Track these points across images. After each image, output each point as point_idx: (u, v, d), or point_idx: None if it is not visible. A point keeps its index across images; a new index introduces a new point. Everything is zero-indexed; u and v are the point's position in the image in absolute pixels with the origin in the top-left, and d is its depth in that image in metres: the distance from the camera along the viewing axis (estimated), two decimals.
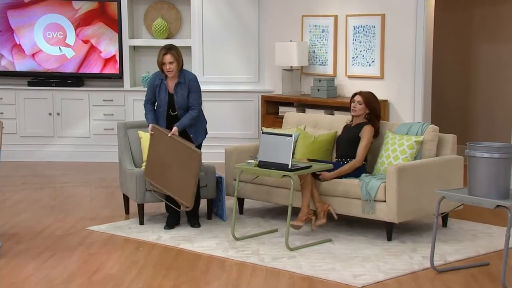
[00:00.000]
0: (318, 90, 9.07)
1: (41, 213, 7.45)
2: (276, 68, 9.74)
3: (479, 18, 9.91)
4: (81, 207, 7.73)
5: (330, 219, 6.82)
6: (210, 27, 9.98)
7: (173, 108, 6.80)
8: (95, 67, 10.27)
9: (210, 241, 6.42)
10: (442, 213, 6.50)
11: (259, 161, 6.33)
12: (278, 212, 7.36)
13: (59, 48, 10.28)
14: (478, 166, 5.29)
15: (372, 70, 8.89)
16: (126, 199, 7.37)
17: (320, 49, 9.36)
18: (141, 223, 6.97)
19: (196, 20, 9.98)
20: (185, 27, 10.29)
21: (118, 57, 10.17)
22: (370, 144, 6.76)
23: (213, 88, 9.96)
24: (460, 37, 10.07)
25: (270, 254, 6.06)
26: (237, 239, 6.46)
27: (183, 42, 10.03)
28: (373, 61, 8.86)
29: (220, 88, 9.99)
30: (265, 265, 5.81)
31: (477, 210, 7.16)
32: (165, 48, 6.72)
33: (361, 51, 8.96)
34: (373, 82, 8.80)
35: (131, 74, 10.22)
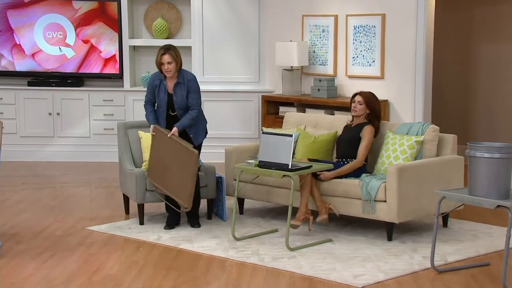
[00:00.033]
0: (319, 90, 9.06)
1: (41, 213, 7.44)
2: (276, 68, 9.73)
3: (480, 18, 9.90)
4: (81, 207, 7.72)
5: (331, 219, 6.81)
6: (210, 27, 9.98)
7: (173, 108, 6.79)
8: (95, 67, 10.26)
9: (210, 241, 6.42)
10: (442, 213, 6.50)
11: (259, 161, 6.33)
12: (278, 212, 7.35)
13: (59, 48, 10.27)
14: (478, 166, 5.28)
15: (372, 70, 8.88)
16: (126, 199, 7.36)
17: (320, 49, 9.35)
18: (141, 223, 6.96)
19: (196, 20, 9.97)
20: (185, 27, 10.29)
21: (118, 57, 10.17)
22: (370, 144, 6.75)
23: (213, 88, 9.95)
24: (461, 37, 10.07)
25: (270, 254, 6.06)
26: (237, 239, 6.45)
27: (183, 42, 10.03)
28: (374, 61, 8.85)
29: (220, 88, 9.98)
30: (265, 265, 5.80)
31: (478, 210, 7.16)
32: (164, 48, 6.72)
33: (361, 51, 8.96)
34: (374, 82, 8.80)
35: (131, 74, 10.21)
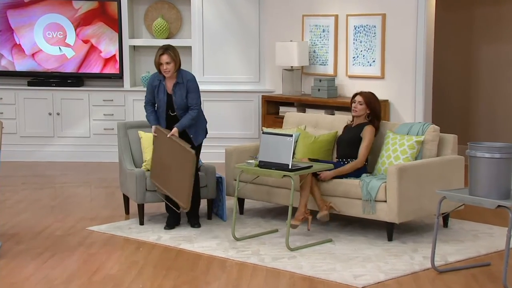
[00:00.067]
0: (319, 90, 9.05)
1: (41, 213, 7.44)
2: (276, 68, 9.73)
3: (480, 18, 9.90)
4: (81, 207, 7.71)
5: (332, 219, 6.81)
6: (211, 27, 9.97)
7: (172, 109, 6.78)
8: (95, 67, 10.25)
9: (210, 241, 6.41)
10: (443, 213, 6.49)
11: (260, 161, 6.32)
12: (278, 212, 7.35)
13: (59, 48, 10.26)
14: (479, 166, 5.27)
15: (372, 70, 8.88)
16: (126, 199, 7.35)
17: (320, 49, 9.35)
18: (141, 223, 6.95)
19: (196, 20, 9.96)
20: (185, 27, 10.28)
21: (118, 57, 10.16)
22: (371, 144, 6.74)
23: (213, 88, 9.94)
24: (461, 37, 10.06)
25: (270, 254, 6.05)
26: (238, 239, 6.44)
27: (183, 42, 10.02)
28: (374, 61, 8.84)
29: (220, 88, 9.97)
30: (265, 265, 5.79)
31: (478, 210, 7.15)
32: (162, 48, 6.71)
33: (361, 51, 8.95)
34: (374, 82, 8.79)
35: (131, 74, 10.21)
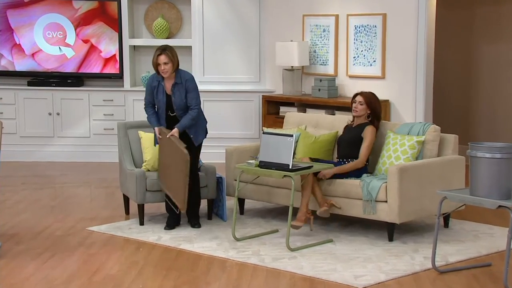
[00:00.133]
0: (319, 90, 9.04)
1: (41, 214, 7.43)
2: (277, 68, 9.72)
3: (481, 18, 9.89)
4: (81, 208, 7.70)
5: (332, 219, 6.80)
6: (211, 26, 9.96)
7: (172, 109, 6.77)
8: (95, 67, 10.24)
9: (210, 242, 6.40)
10: (443, 214, 6.48)
11: (260, 161, 6.31)
12: (278, 212, 7.34)
13: (59, 47, 10.25)
14: (479, 167, 5.26)
15: (373, 70, 8.86)
16: (126, 200, 7.35)
17: (321, 48, 9.33)
18: (141, 223, 6.94)
19: (196, 19, 9.95)
20: (185, 26, 10.27)
21: (118, 56, 10.15)
22: (372, 144, 6.73)
23: (214, 88, 9.93)
24: (462, 37, 10.05)
25: (270, 254, 6.04)
26: (238, 239, 6.43)
27: (183, 42, 10.02)
28: (374, 61, 8.83)
29: (220, 88, 9.96)
30: (265, 265, 5.78)
31: (479, 211, 7.14)
32: (160, 48, 6.71)
33: (362, 51, 8.94)
34: (375, 82, 8.78)
35: (131, 74, 10.20)
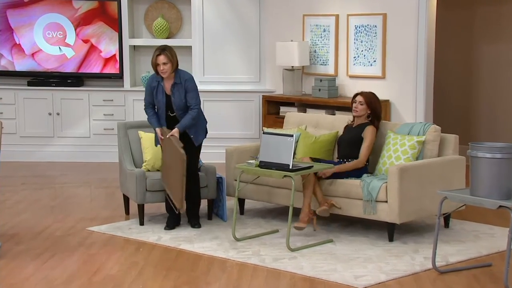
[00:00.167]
0: (319, 90, 9.03)
1: (41, 214, 7.42)
2: (277, 68, 9.71)
3: (481, 17, 9.88)
4: (81, 208, 7.70)
5: (332, 219, 6.79)
6: (211, 26, 9.95)
7: (171, 109, 6.77)
8: (95, 67, 10.24)
9: (210, 242, 6.39)
10: (444, 214, 6.47)
11: (260, 162, 6.30)
12: (279, 212, 7.33)
13: (59, 47, 10.25)
14: (480, 167, 5.26)
15: (373, 70, 8.86)
16: (126, 200, 7.34)
17: (321, 48, 9.33)
18: (141, 223, 6.94)
19: (196, 19, 9.95)
20: (185, 26, 10.27)
21: (118, 56, 10.15)
22: (372, 144, 6.72)
23: (214, 88, 9.93)
24: (462, 36, 10.04)
25: (271, 254, 6.03)
26: (238, 239, 6.43)
27: (183, 42, 10.01)
28: (375, 61, 8.82)
29: (220, 88, 9.96)
30: (266, 266, 5.78)
31: (479, 211, 7.13)
32: (159, 49, 6.70)
33: (362, 50, 8.93)
34: (375, 82, 8.77)
35: (131, 74, 10.19)
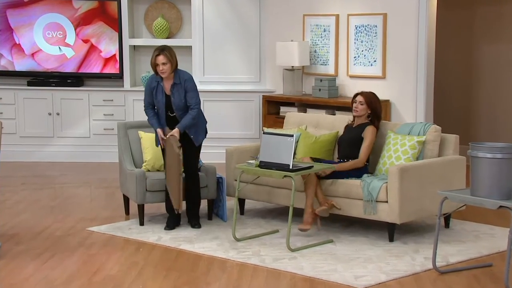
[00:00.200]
0: (320, 90, 9.03)
1: (40, 214, 7.42)
2: (277, 68, 9.70)
3: (481, 17, 9.87)
4: (81, 208, 7.69)
5: (332, 220, 6.78)
6: (211, 26, 9.95)
7: (171, 110, 6.76)
8: (95, 67, 10.23)
9: (210, 242, 6.39)
10: (444, 214, 6.47)
11: (260, 162, 6.30)
12: (279, 212, 7.33)
13: (59, 47, 10.24)
14: (480, 167, 5.25)
15: (374, 70, 8.85)
16: (126, 200, 7.33)
17: (321, 48, 9.32)
18: (141, 224, 6.93)
19: (196, 19, 9.94)
20: (185, 26, 10.26)
21: (118, 56, 10.14)
22: (372, 144, 6.72)
23: (214, 88, 9.92)
24: (462, 36, 10.04)
25: (271, 255, 6.03)
26: (238, 240, 6.42)
27: (183, 42, 10.01)
28: (375, 61, 8.82)
29: (220, 88, 9.95)
30: (266, 266, 5.77)
31: (480, 211, 7.12)
32: (158, 49, 6.70)
33: (362, 50, 8.92)
34: (375, 82, 8.77)
35: (131, 74, 10.19)
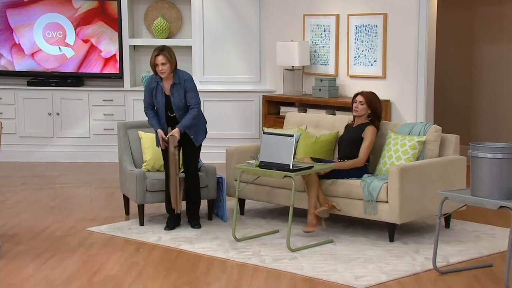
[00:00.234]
0: (320, 90, 9.02)
1: (40, 214, 7.41)
2: (277, 68, 9.70)
3: (482, 17, 9.87)
4: (81, 208, 7.69)
5: (332, 220, 6.78)
6: (211, 26, 9.94)
7: (171, 110, 6.75)
8: (95, 67, 10.23)
9: (210, 242, 6.38)
10: (444, 214, 6.45)
11: (260, 162, 6.29)
12: (279, 212, 7.32)
13: (59, 47, 10.24)
14: (481, 167, 5.25)
15: (374, 69, 8.85)
16: (126, 200, 7.33)
17: (321, 48, 9.32)
18: (141, 224, 6.93)
19: (196, 19, 9.94)
20: (185, 26, 10.25)
21: (118, 56, 10.14)
22: (372, 144, 6.71)
23: (214, 88, 9.92)
24: (463, 36, 10.03)
25: (271, 255, 6.02)
26: (238, 240, 6.42)
27: (183, 42, 10.00)
28: (375, 61, 8.81)
29: (221, 88, 9.95)
30: (266, 266, 5.77)
31: (480, 211, 7.11)
32: (158, 49, 6.70)
33: (363, 50, 8.92)
34: (375, 82, 8.76)
35: (131, 74, 10.18)
